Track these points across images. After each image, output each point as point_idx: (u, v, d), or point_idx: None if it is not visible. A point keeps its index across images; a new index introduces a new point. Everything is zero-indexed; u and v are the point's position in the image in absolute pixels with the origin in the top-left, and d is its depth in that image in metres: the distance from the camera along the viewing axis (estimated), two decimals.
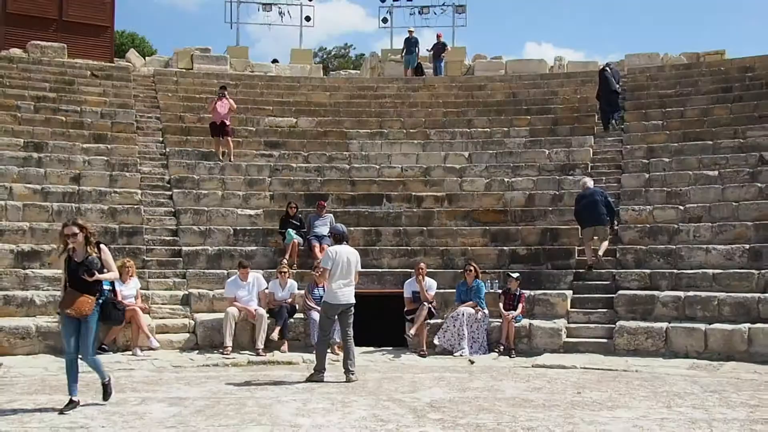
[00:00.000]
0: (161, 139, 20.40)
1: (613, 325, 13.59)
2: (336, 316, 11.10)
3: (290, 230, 15.78)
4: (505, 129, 21.39)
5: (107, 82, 23.17)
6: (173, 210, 17.22)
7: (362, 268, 15.43)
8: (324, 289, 13.38)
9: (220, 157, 19.42)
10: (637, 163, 18.63)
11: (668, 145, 19.24)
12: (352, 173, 19.38)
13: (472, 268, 13.95)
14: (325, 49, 51.07)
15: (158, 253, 15.90)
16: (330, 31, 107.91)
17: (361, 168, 19.56)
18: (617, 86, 20.68)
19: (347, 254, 10.92)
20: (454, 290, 14.37)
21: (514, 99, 23.59)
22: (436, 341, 13.50)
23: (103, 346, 12.84)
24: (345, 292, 10.90)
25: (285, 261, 15.30)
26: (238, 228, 16.69)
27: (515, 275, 14.02)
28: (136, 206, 16.90)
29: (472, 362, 12.72)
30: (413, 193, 18.19)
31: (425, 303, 13.58)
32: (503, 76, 26.48)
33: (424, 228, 16.83)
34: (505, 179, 18.67)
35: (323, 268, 11.02)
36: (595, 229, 15.22)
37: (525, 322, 13.81)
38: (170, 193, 17.83)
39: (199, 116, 21.38)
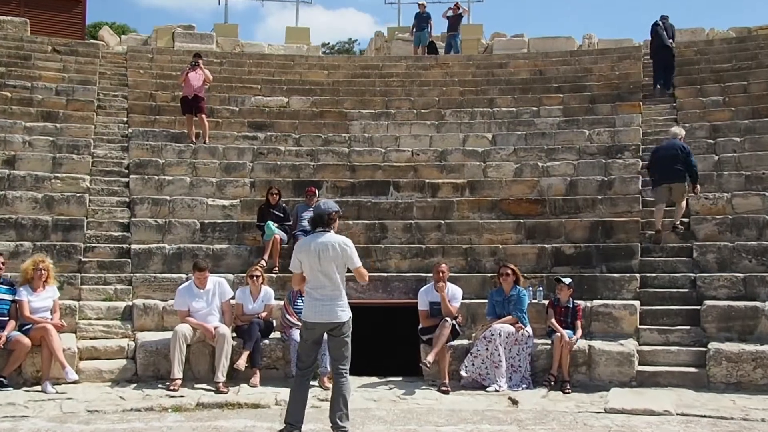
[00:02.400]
0: (125, 119, 16.56)
1: (704, 348, 9.69)
2: (318, 340, 7.22)
3: (270, 223, 11.90)
4: (534, 108, 17.47)
5: (70, 58, 19.29)
6: (128, 200, 13.38)
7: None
8: None
9: (193, 139, 15.56)
10: (701, 144, 14.68)
11: (735, 122, 15.35)
12: (352, 158, 15.49)
13: (510, 270, 10.01)
14: (328, 44, 47.36)
15: (101, 252, 12.00)
16: (338, 39, 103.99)
17: (363, 152, 15.66)
18: (670, 42, 17.39)
19: (321, 246, 6.97)
20: (485, 301, 10.51)
21: (542, 77, 19.65)
22: (463, 372, 9.57)
23: (1, 378, 8.98)
24: (321, 305, 6.98)
25: (263, 262, 11.48)
26: (206, 221, 12.79)
27: (567, 281, 10.10)
28: (80, 195, 13.03)
29: (514, 402, 8.80)
30: (426, 180, 14.28)
31: (447, 318, 9.67)
32: (527, 53, 22.56)
33: (442, 221, 12.91)
34: (539, 164, 14.75)
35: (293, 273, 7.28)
36: (671, 188, 12.00)
37: (582, 343, 9.88)
38: (128, 180, 13.98)
39: (173, 94, 17.50)
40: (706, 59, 19.24)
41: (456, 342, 9.93)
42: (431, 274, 10.53)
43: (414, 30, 23.64)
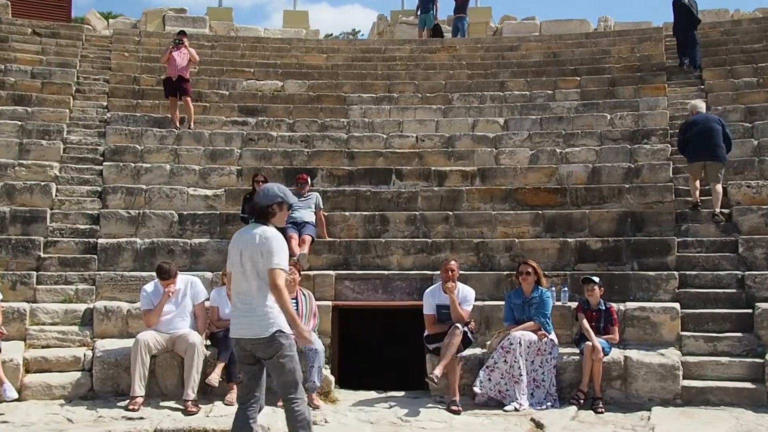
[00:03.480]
0: (105, 103, 15.04)
1: (760, 360, 8.18)
2: (251, 361, 5.59)
3: None
4: (549, 92, 15.90)
5: (51, 40, 17.78)
6: (101, 189, 11.88)
7: (361, 268, 10.27)
8: (297, 302, 8.22)
9: (177, 124, 14.05)
10: (737, 128, 13.03)
11: None
12: (351, 144, 13.95)
13: (530, 269, 8.45)
14: (331, 35, 45.72)
15: (63, 247, 10.49)
16: (341, 30, 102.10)
17: (363, 138, 14.11)
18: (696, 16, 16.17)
19: (245, 240, 5.50)
20: (500, 303, 8.99)
21: (556, 59, 18.08)
22: (477, 388, 8.02)
23: None
24: (240, 316, 5.50)
25: None
26: (186, 213, 11.26)
27: (597, 279, 8.55)
28: (45, 183, 11.54)
29: (539, 425, 7.27)
30: (432, 168, 12.73)
31: (458, 324, 8.13)
32: (539, 36, 20.98)
33: (450, 213, 11.36)
34: (557, 150, 13.20)
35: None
36: (705, 166, 10.88)
37: (616, 353, 8.34)
38: (102, 167, 12.49)
39: (158, 78, 15.92)
40: (734, 40, 17.61)
41: (468, 352, 8.39)
42: (438, 273, 9.02)
43: (419, 12, 22.03)
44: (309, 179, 11.26)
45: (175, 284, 8.21)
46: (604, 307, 8.38)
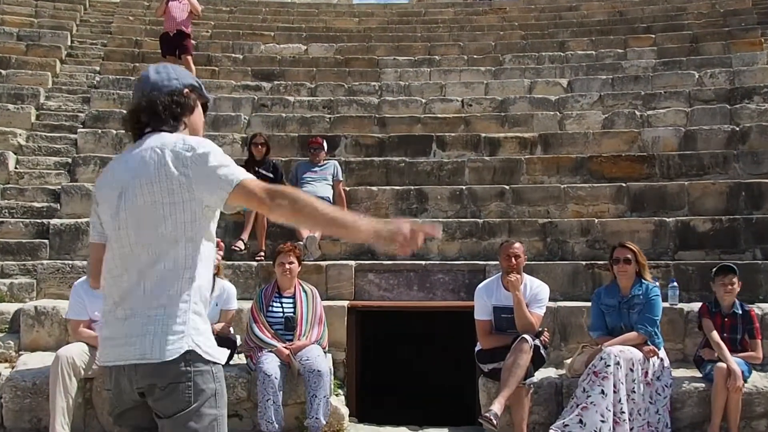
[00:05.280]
0: (98, 68, 12.67)
1: None
2: (129, 415, 2.64)
3: None
4: (619, 51, 13.15)
5: (48, 3, 15.49)
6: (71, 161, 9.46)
7: (390, 258, 7.56)
8: (294, 302, 5.65)
9: None
10: None
11: None
12: (383, 109, 11.33)
13: (630, 254, 5.69)
14: None
15: (10, 230, 8.02)
16: None
17: (398, 102, 11.48)
18: None
19: (132, 168, 2.60)
20: (582, 304, 6.32)
21: (623, 18, 15.31)
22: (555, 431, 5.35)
23: None
24: (120, 325, 2.53)
25: (241, 243, 7.46)
26: None
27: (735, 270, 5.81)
28: (1, 152, 9.15)
29: None
30: (482, 135, 10.05)
31: (526, 336, 5.44)
32: None
33: (506, 187, 8.68)
34: (636, 113, 10.46)
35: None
36: None
37: (757, 379, 5.61)
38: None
39: None
40: None
41: (539, 375, 5.72)
42: (494, 262, 6.40)
43: None
44: (325, 144, 8.64)
45: None
46: (740, 311, 5.63)
